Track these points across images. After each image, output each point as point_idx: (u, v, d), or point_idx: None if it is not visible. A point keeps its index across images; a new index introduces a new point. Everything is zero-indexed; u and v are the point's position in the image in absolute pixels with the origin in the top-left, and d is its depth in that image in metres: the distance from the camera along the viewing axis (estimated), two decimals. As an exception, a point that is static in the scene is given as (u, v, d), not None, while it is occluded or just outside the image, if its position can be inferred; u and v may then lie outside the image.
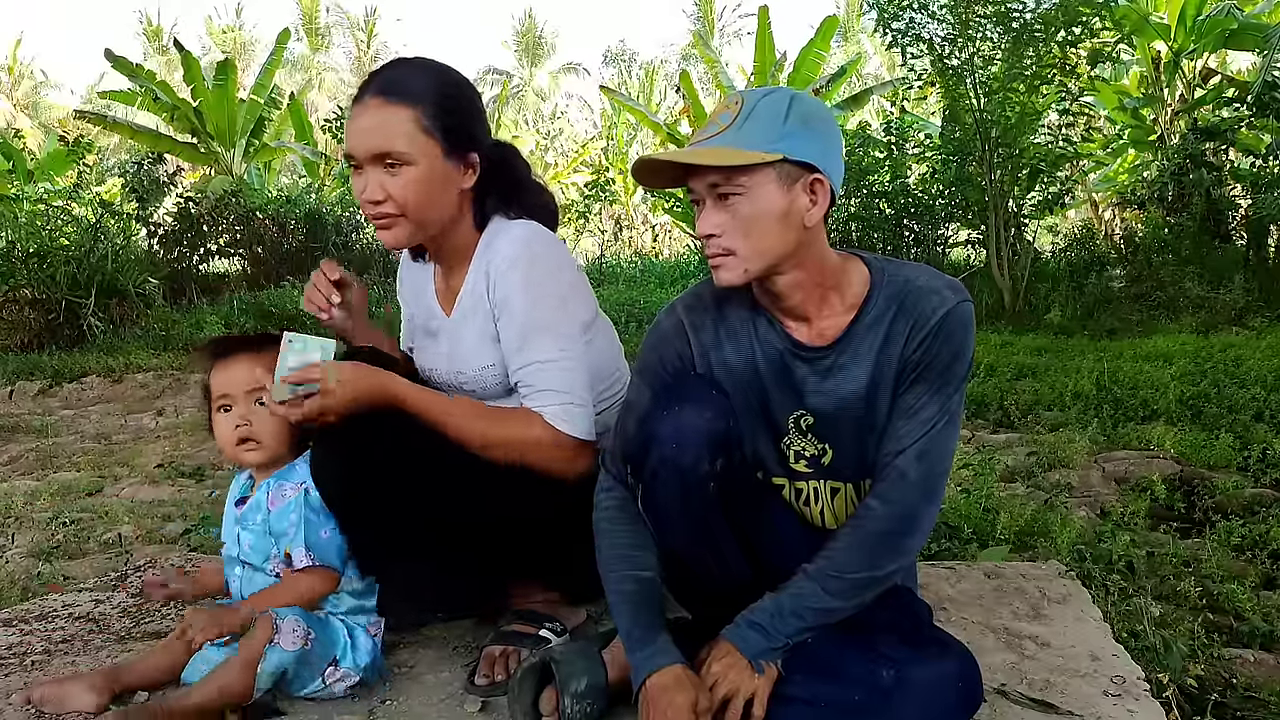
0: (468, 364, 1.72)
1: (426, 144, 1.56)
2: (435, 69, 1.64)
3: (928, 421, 1.38)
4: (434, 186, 1.59)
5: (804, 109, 1.34)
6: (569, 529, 1.60)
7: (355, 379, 1.52)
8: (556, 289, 1.66)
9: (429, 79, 1.60)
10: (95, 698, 1.56)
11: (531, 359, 1.63)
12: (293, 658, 1.51)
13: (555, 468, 1.63)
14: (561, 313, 1.66)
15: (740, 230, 1.33)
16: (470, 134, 1.63)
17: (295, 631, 1.51)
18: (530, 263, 1.64)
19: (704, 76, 20.62)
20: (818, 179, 1.34)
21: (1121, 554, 2.55)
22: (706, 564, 1.49)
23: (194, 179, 15.80)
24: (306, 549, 1.59)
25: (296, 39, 32.77)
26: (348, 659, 1.60)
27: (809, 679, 1.36)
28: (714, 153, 1.32)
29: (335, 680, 1.58)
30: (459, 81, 1.65)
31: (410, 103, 1.55)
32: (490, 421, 1.62)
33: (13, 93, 35.72)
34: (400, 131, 1.55)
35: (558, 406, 1.62)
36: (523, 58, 41.08)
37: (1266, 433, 3.94)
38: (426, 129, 1.56)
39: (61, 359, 7.65)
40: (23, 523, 3.57)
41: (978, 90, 8.04)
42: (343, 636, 1.61)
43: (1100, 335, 7.34)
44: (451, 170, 1.61)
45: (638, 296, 9.95)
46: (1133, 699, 1.54)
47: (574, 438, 1.63)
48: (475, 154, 1.64)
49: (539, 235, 1.68)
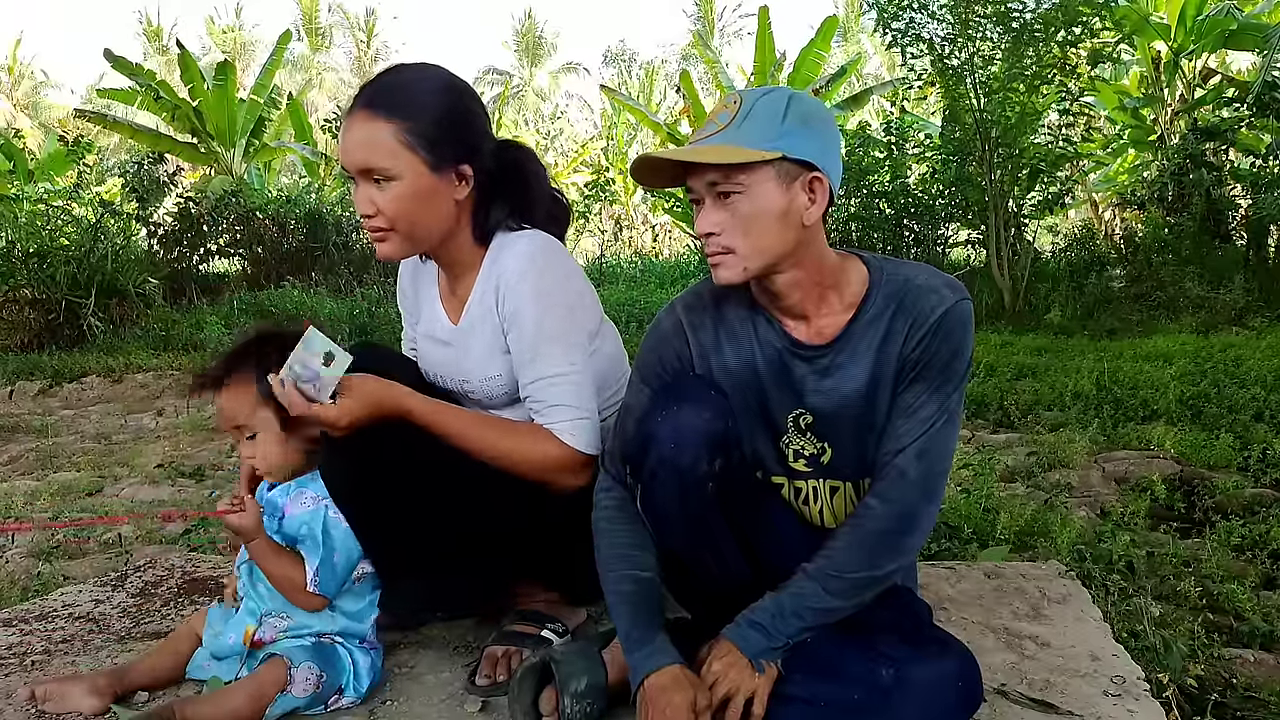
0: (474, 374, 1.71)
1: (411, 159, 1.53)
2: (428, 77, 1.59)
3: (927, 420, 1.38)
4: (421, 201, 1.56)
5: (802, 108, 1.34)
6: (570, 530, 1.60)
7: (364, 402, 1.49)
8: (565, 299, 1.65)
9: (418, 89, 1.56)
10: (96, 700, 1.56)
11: (541, 373, 1.62)
12: (304, 703, 1.53)
13: (561, 482, 1.63)
14: (570, 323, 1.64)
15: (739, 229, 1.33)
16: (462, 144, 1.58)
17: (308, 680, 1.53)
18: (539, 274, 1.62)
19: (704, 76, 20.63)
20: (816, 178, 1.34)
21: (1121, 554, 2.55)
22: (706, 564, 1.49)
23: (194, 179, 15.80)
24: (315, 572, 1.57)
25: (297, 39, 32.74)
26: (350, 688, 1.60)
27: (809, 678, 1.36)
28: (712, 151, 1.32)
29: (336, 704, 1.60)
30: (451, 89, 1.60)
31: (395, 116, 1.52)
32: (500, 435, 1.61)
33: (13, 93, 35.71)
34: (383, 146, 1.52)
35: (568, 423, 1.61)
36: (523, 58, 41.08)
37: (1266, 433, 3.94)
38: (410, 144, 1.52)
39: (61, 359, 7.65)
40: (23, 523, 3.57)
41: (978, 90, 8.04)
42: (348, 665, 1.61)
43: (1100, 335, 7.34)
44: (440, 183, 1.57)
45: (638, 296, 9.95)
46: (1133, 699, 1.54)
47: (583, 453, 1.62)
48: (469, 165, 1.59)
49: (546, 246, 1.66)
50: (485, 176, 1.64)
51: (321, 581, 1.57)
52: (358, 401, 1.48)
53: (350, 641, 1.64)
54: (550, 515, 1.64)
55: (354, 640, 1.64)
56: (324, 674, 1.55)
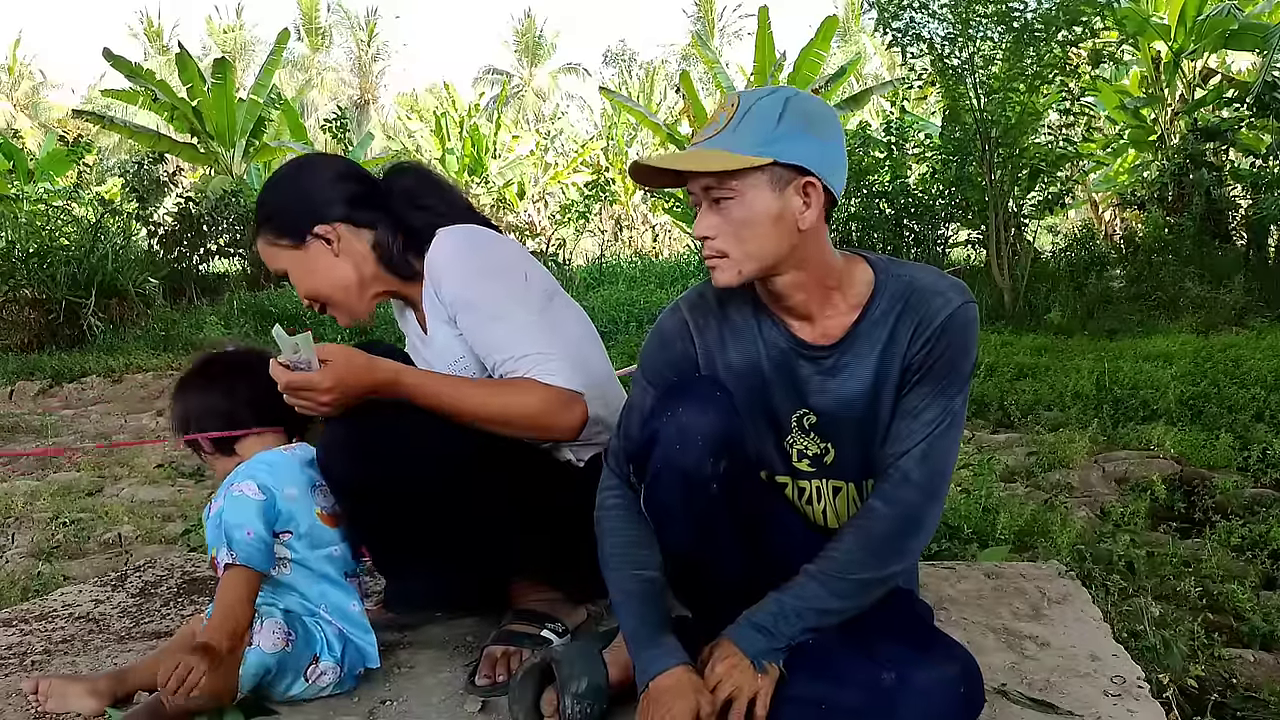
0: (441, 361, 1.77)
1: (285, 252, 1.74)
2: (271, 181, 1.80)
3: (931, 423, 1.37)
4: (315, 274, 1.74)
5: (801, 110, 1.33)
6: (572, 525, 1.60)
7: (348, 374, 1.53)
8: (494, 264, 1.72)
9: (263, 199, 1.78)
10: (95, 703, 1.57)
11: (500, 334, 1.66)
12: (274, 659, 1.52)
13: (558, 424, 1.64)
14: (508, 282, 1.70)
15: (733, 233, 1.33)
16: (308, 216, 1.72)
17: (275, 633, 1.52)
18: (463, 253, 1.71)
19: (704, 77, 20.62)
20: (810, 182, 1.33)
21: (1121, 554, 2.55)
22: (709, 563, 1.49)
23: (194, 179, 15.81)
24: (229, 548, 1.52)
25: (296, 38, 32.76)
26: (325, 655, 1.59)
27: (811, 680, 1.36)
28: (703, 157, 1.31)
29: (318, 676, 1.58)
30: (284, 177, 1.80)
31: (260, 230, 1.77)
32: (489, 392, 1.63)
33: (12, 93, 35.72)
34: (265, 256, 1.78)
35: (541, 366, 1.63)
36: (523, 58, 41.09)
37: (1266, 433, 3.94)
38: (275, 242, 1.75)
39: (61, 359, 7.66)
40: (23, 522, 3.57)
41: (978, 90, 8.04)
42: (319, 635, 1.60)
43: (1100, 335, 7.34)
44: (316, 253, 1.73)
45: (638, 296, 9.94)
46: (1133, 699, 1.54)
47: (567, 389, 1.63)
48: (321, 224, 1.72)
49: (457, 230, 1.75)
50: (370, 216, 1.76)
51: (242, 556, 1.51)
52: (337, 359, 1.52)
53: (315, 618, 1.62)
54: (551, 508, 1.65)
55: (318, 619, 1.63)
56: (291, 633, 1.54)
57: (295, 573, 1.63)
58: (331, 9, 40.49)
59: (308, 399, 1.52)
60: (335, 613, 1.64)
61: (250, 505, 1.56)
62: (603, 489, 1.54)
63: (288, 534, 1.62)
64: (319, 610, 1.64)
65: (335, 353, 1.53)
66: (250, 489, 1.57)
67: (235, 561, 1.51)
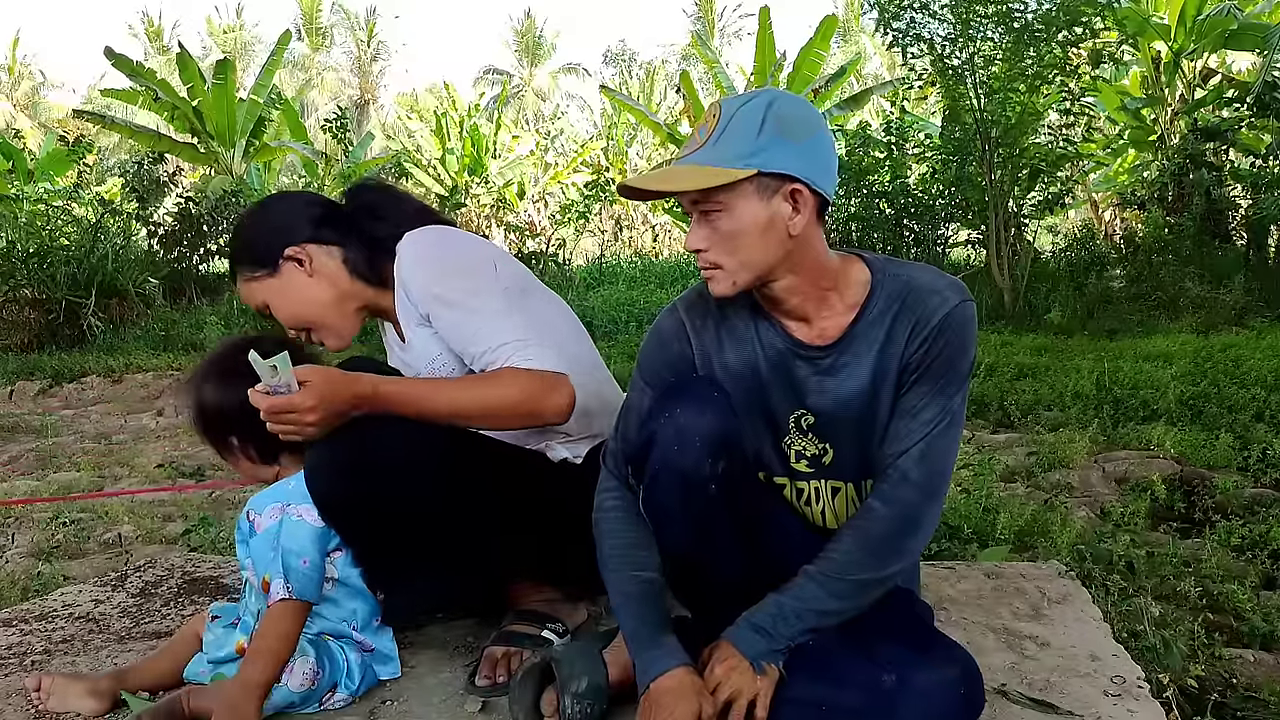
0: (420, 362, 1.78)
1: (261, 284, 1.78)
2: (240, 223, 1.87)
3: (929, 422, 1.37)
4: (294, 297, 1.78)
5: (781, 115, 1.31)
6: (571, 523, 1.60)
7: (329, 391, 1.49)
8: (457, 261, 1.74)
9: (236, 239, 1.84)
10: (96, 704, 1.57)
11: (475, 328, 1.65)
12: (299, 696, 1.53)
13: (546, 408, 1.62)
14: (475, 278, 1.71)
15: (724, 245, 1.33)
16: (277, 242, 1.77)
17: (305, 674, 1.53)
18: (421, 248, 1.74)
19: (704, 77, 20.63)
20: (797, 188, 1.32)
21: (1121, 554, 2.55)
22: (708, 564, 1.49)
23: (194, 179, 15.81)
24: (285, 580, 1.53)
25: (297, 38, 32.75)
26: (343, 685, 1.59)
27: (811, 682, 1.36)
28: (686, 174, 1.31)
29: (332, 701, 1.59)
30: (249, 213, 1.87)
31: (238, 270, 1.81)
32: (473, 386, 1.62)
33: (12, 93, 35.72)
34: (245, 293, 1.83)
35: (520, 353, 1.62)
36: (523, 58, 41.10)
37: (1266, 433, 3.94)
38: (251, 278, 1.78)
39: (61, 359, 7.66)
40: (23, 522, 3.57)
41: (978, 90, 8.05)
42: (342, 662, 1.60)
43: (1100, 335, 7.34)
44: (290, 276, 1.77)
45: (638, 296, 9.95)
46: (1133, 699, 1.54)
47: (549, 370, 1.62)
48: (292, 248, 1.76)
49: (421, 231, 1.77)
50: (336, 233, 1.80)
51: (297, 589, 1.52)
52: (315, 378, 1.48)
53: (342, 641, 1.63)
54: (548, 508, 1.65)
55: (346, 641, 1.64)
56: (320, 670, 1.55)
57: (337, 591, 1.64)
58: (332, 9, 40.50)
59: (292, 422, 1.48)
60: (364, 628, 1.65)
61: (309, 532, 1.55)
62: (601, 490, 1.54)
63: (338, 552, 1.61)
64: (349, 629, 1.65)
65: (312, 372, 1.49)
66: (311, 515, 1.56)
67: (290, 596, 1.51)
